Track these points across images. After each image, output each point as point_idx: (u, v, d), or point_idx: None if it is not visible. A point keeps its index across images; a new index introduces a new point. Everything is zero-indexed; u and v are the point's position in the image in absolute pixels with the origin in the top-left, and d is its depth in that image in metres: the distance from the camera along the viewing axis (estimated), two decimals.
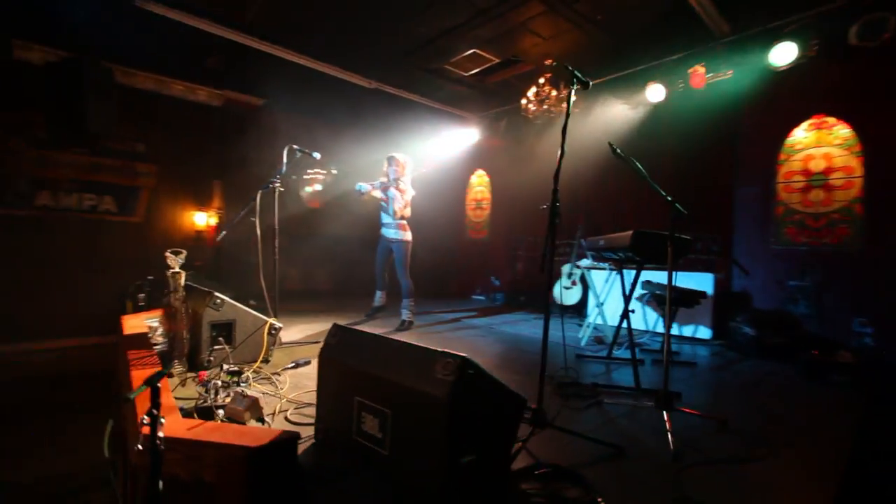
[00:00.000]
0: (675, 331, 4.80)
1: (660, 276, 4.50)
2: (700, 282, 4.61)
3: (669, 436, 2.10)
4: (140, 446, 1.42)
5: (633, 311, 3.26)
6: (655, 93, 4.89)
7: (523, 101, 5.35)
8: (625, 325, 3.17)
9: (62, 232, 5.48)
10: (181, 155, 6.47)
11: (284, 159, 3.64)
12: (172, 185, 6.48)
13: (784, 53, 4.00)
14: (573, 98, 2.17)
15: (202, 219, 6.64)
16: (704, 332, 4.62)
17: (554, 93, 5.30)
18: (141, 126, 6.00)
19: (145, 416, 1.39)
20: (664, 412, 2.26)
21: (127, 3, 4.20)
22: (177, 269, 2.82)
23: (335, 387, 1.98)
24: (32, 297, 5.00)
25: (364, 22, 4.59)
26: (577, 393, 2.81)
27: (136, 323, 3.50)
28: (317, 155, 3.79)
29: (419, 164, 4.96)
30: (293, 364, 3.11)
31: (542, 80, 5.26)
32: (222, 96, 6.65)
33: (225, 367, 2.39)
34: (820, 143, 4.32)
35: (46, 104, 4.59)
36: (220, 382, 2.18)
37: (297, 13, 4.42)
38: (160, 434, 1.42)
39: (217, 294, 2.97)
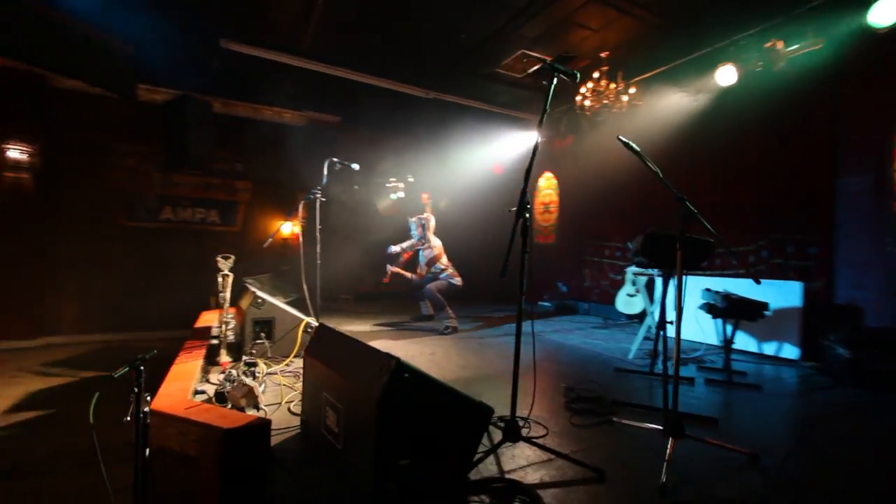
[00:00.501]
0: (753, 348, 4.14)
1: (728, 284, 3.94)
2: (785, 292, 3.93)
3: (665, 465, 1.86)
4: (128, 417, 1.71)
5: (670, 323, 2.92)
6: (726, 75, 4.27)
7: (578, 98, 5.08)
8: (670, 337, 2.86)
9: (179, 240, 6.58)
10: (271, 172, 7.34)
11: (325, 171, 3.97)
12: (264, 198, 7.39)
13: (889, 9, 3.22)
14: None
15: (288, 228, 7.44)
16: (791, 352, 3.91)
17: (612, 85, 4.95)
18: (238, 148, 6.96)
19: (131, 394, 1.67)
20: (669, 438, 2.02)
21: (215, 44, 4.95)
22: (226, 272, 3.26)
23: (313, 382, 2.13)
24: (156, 294, 6.10)
25: (409, 35, 4.80)
26: (590, 409, 2.62)
27: (210, 317, 4.09)
28: (355, 166, 4.07)
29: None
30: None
31: (596, 75, 4.95)
32: (305, 117, 7.41)
33: (244, 358, 2.70)
34: None
35: (163, 136, 5.61)
36: (235, 372, 2.48)
37: (346, 35, 4.79)
38: (144, 409, 1.69)
39: (259, 294, 3.36)
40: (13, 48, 4.26)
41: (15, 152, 5.78)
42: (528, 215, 1.97)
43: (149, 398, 1.73)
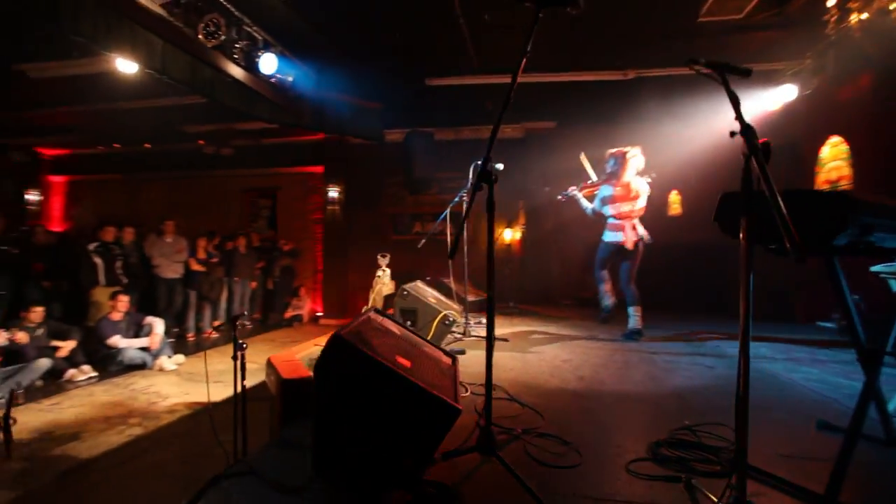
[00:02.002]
0: None
1: None
2: None
3: None
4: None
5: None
6: None
7: (831, 17, 3.36)
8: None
9: (426, 248, 8.14)
10: (495, 184, 8.07)
11: (470, 174, 4.19)
12: None
13: None
14: None
15: (509, 234, 7.94)
16: None
17: None
18: (465, 167, 8.01)
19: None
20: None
21: (423, 85, 6.00)
22: (384, 268, 3.98)
23: None
24: None
25: (577, 21, 4.43)
26: (682, 458, 1.81)
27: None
28: (500, 166, 4.09)
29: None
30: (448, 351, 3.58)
31: None
32: (522, 128, 7.78)
33: None
34: None
35: (403, 166, 7.18)
36: None
37: (508, 40, 4.86)
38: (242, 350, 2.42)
39: (404, 287, 3.91)
40: (328, 126, 6.46)
41: (333, 192, 8.56)
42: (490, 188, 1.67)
43: (245, 345, 2.41)
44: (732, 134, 1.29)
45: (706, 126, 5.78)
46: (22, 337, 4.14)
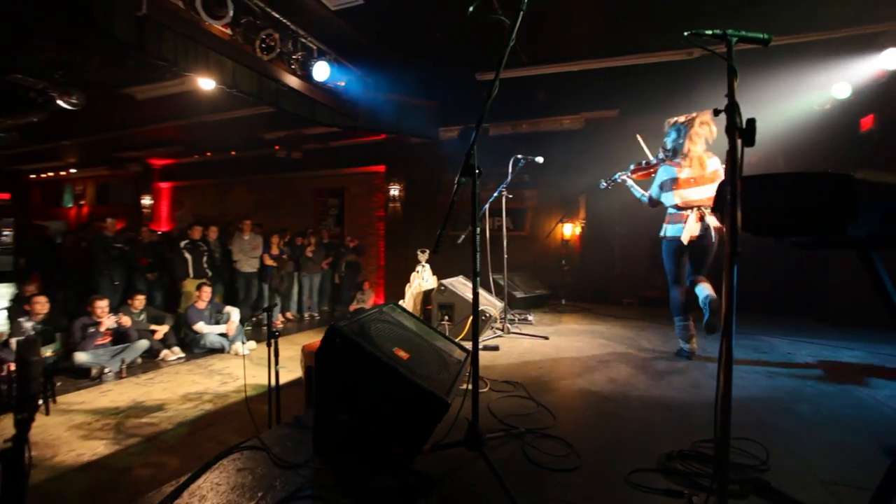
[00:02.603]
0: None
1: None
2: None
3: None
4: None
5: None
6: None
7: None
8: None
9: (488, 244, 8.14)
10: (553, 178, 7.80)
11: (510, 169, 4.12)
12: (548, 203, 7.95)
13: None
14: None
15: (569, 229, 7.66)
16: None
17: None
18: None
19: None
20: None
21: (472, 79, 5.99)
22: (423, 263, 4.07)
23: None
24: None
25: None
26: (693, 472, 1.67)
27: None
28: (539, 159, 3.98)
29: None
30: (482, 346, 3.58)
31: None
32: (581, 118, 7.45)
33: None
34: None
35: (457, 161, 7.25)
36: None
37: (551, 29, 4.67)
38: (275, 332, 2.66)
39: (442, 282, 3.97)
40: (384, 126, 6.74)
41: (394, 190, 8.87)
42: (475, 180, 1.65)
43: (277, 334, 2.65)
44: (717, 112, 1.17)
45: (787, 105, 5.11)
46: (126, 321, 4.87)
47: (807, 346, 3.71)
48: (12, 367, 3.77)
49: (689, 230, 3.08)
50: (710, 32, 1.40)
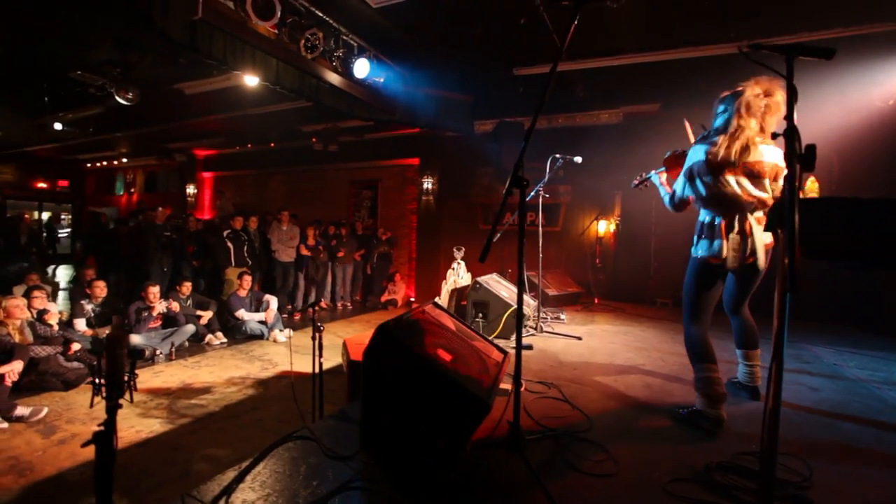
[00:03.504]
0: None
1: None
2: None
3: None
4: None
5: None
6: None
7: None
8: None
9: (514, 239, 8.15)
10: (588, 174, 7.67)
11: (547, 168, 4.10)
12: (582, 200, 7.84)
13: None
14: None
15: (603, 226, 7.55)
16: None
17: None
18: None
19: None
20: None
21: (510, 74, 5.95)
22: (459, 260, 4.13)
23: None
24: None
25: None
26: (732, 486, 1.67)
27: None
28: (578, 159, 3.94)
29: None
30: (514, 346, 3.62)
31: None
32: (619, 113, 7.27)
33: None
34: None
35: (492, 156, 7.22)
36: None
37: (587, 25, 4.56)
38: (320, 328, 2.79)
39: (477, 280, 4.02)
40: (420, 120, 6.80)
41: (427, 183, 8.95)
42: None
43: (322, 327, 2.77)
44: (774, 136, 1.16)
45: (844, 101, 4.84)
46: (175, 306, 5.17)
47: (853, 357, 3.57)
48: (73, 347, 4.06)
49: (732, 249, 2.16)
50: (770, 46, 1.38)
